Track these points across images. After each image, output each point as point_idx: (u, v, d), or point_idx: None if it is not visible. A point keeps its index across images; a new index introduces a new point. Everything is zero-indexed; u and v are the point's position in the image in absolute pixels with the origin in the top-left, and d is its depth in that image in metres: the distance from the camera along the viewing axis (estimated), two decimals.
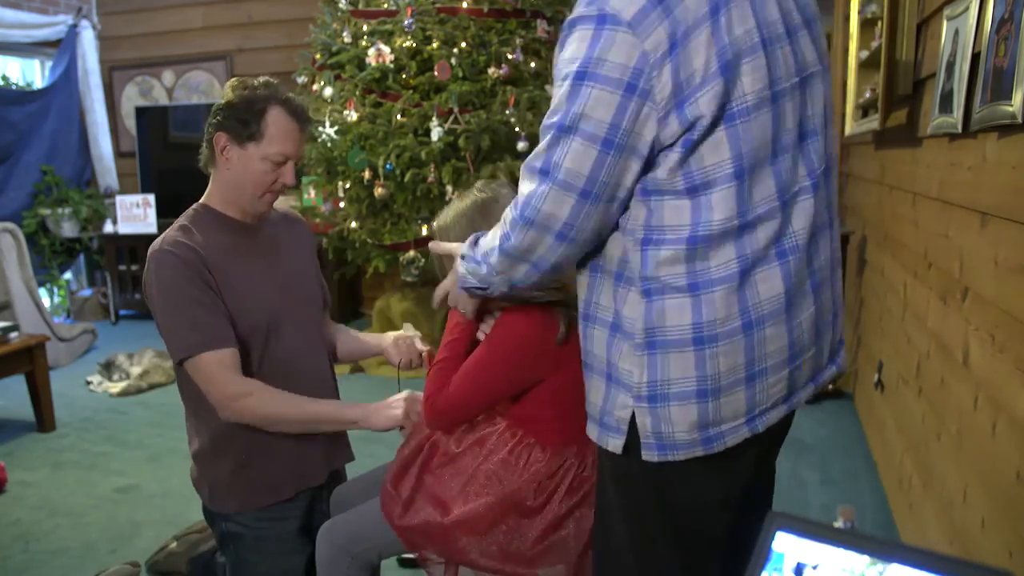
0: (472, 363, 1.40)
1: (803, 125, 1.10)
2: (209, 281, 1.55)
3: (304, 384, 1.63)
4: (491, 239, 1.16)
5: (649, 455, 1.10)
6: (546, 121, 1.05)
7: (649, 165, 1.04)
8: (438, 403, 1.41)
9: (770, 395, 1.11)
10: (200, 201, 1.67)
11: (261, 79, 1.61)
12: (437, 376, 1.42)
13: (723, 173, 1.02)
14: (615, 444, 1.13)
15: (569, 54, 1.02)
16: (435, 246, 1.41)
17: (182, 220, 1.64)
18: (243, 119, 1.54)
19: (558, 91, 1.04)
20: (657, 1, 0.97)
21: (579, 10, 1.02)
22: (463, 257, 1.23)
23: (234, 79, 1.61)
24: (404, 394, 1.57)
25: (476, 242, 1.22)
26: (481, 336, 1.47)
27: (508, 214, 1.11)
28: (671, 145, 1.02)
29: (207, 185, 1.67)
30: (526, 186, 1.07)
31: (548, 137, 1.04)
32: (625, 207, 1.08)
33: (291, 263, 1.73)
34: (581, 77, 1.00)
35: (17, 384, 3.60)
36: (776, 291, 1.07)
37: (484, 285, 1.20)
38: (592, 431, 1.19)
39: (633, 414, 1.11)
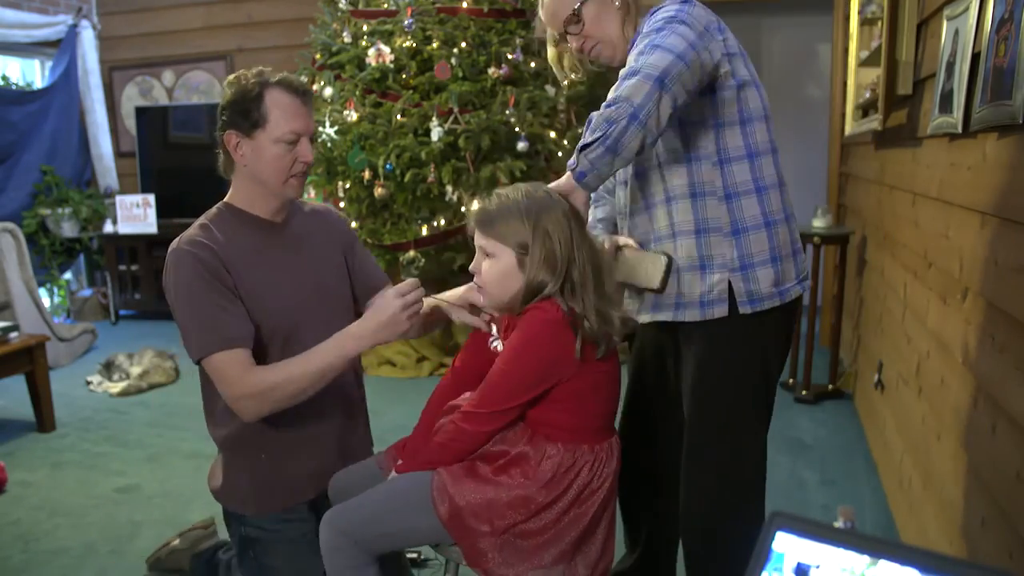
0: (499, 371, 1.39)
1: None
2: (226, 280, 1.53)
3: (329, 385, 1.60)
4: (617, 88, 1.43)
5: (744, 309, 1.54)
6: (654, 26, 1.45)
7: (713, 83, 1.49)
8: (479, 440, 1.41)
9: (804, 268, 1.62)
10: (223, 200, 1.65)
11: (255, 70, 1.58)
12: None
13: (758, 115, 1.55)
14: (720, 310, 1.54)
15: (662, 14, 1.48)
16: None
17: (203, 219, 1.61)
18: (244, 110, 1.53)
19: (655, 35, 1.43)
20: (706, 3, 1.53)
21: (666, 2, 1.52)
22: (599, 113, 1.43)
23: (230, 76, 1.59)
24: (390, 294, 1.47)
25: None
26: (495, 346, 1.48)
27: (636, 54, 1.42)
28: (725, 82, 1.50)
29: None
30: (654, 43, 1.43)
31: (660, 28, 1.43)
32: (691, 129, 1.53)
33: (318, 261, 1.69)
34: (673, 20, 1.44)
35: (17, 384, 3.60)
36: (788, 202, 1.60)
37: (610, 123, 1.36)
38: (692, 314, 1.57)
39: (729, 283, 1.54)
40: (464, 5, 4.02)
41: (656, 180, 1.59)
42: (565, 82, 1.53)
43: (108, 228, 5.77)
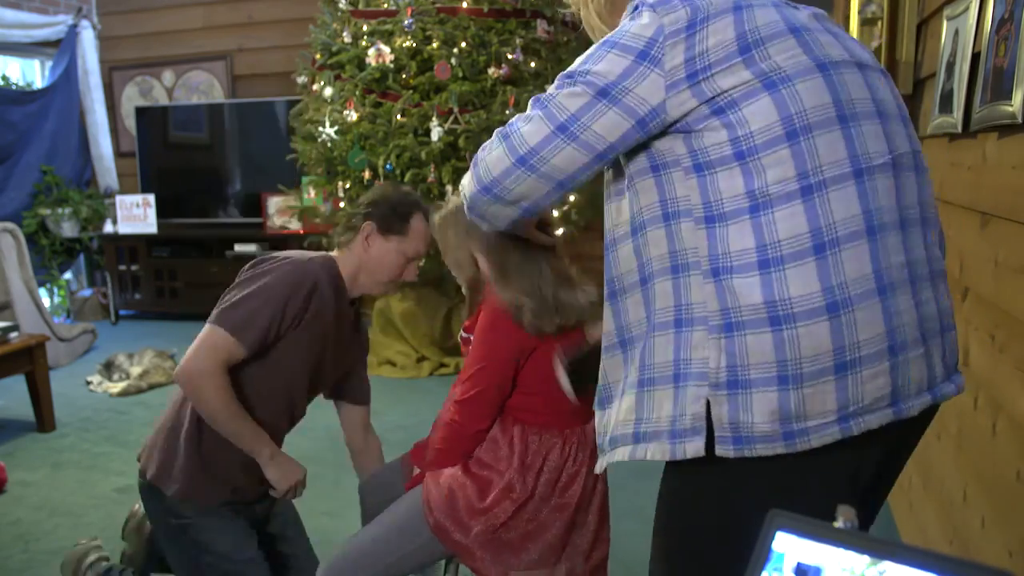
0: (468, 378, 1.45)
1: (878, 104, 1.04)
2: (292, 322, 1.63)
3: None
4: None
5: (724, 450, 0.98)
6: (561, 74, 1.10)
7: (651, 132, 1.03)
8: (468, 430, 1.46)
9: (867, 391, 0.98)
10: (335, 259, 1.74)
11: (406, 189, 1.80)
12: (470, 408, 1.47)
13: (773, 135, 0.98)
14: (695, 447, 0.99)
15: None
16: None
17: (337, 267, 1.72)
18: (391, 216, 1.70)
19: (559, 83, 1.09)
20: None
21: None
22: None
23: (387, 183, 1.75)
24: (303, 471, 1.72)
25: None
26: None
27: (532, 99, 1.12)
28: (699, 116, 1.00)
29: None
30: (519, 118, 1.09)
31: (556, 82, 1.07)
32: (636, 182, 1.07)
33: (343, 360, 1.83)
34: (605, 44, 1.06)
35: (17, 384, 3.60)
36: (864, 271, 0.97)
37: (472, 203, 1.15)
38: (657, 450, 1.03)
39: (708, 404, 0.99)
40: (464, 5, 4.02)
41: (627, 255, 1.10)
42: None
43: (108, 228, 5.77)
